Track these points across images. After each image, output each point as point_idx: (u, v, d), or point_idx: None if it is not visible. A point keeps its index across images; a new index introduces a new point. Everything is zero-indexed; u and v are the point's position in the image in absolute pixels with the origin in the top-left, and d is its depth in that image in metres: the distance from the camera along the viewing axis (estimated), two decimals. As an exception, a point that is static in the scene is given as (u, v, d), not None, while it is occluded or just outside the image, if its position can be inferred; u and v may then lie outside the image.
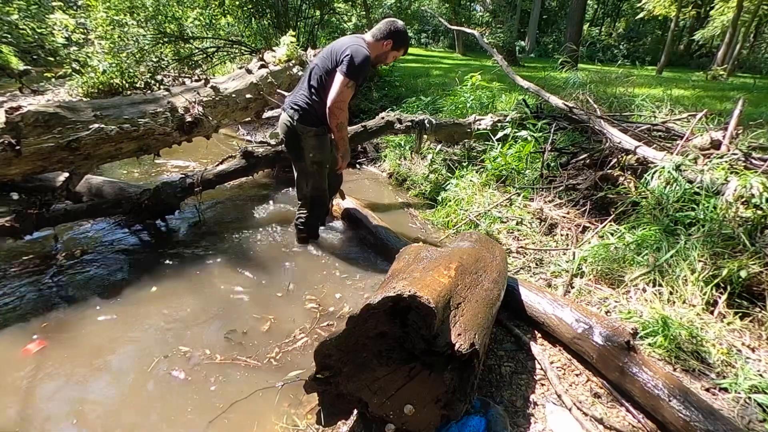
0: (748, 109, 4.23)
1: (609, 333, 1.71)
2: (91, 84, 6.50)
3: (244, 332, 2.09)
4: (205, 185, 3.19)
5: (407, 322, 1.21)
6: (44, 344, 1.95)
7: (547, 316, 1.94)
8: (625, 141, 3.21)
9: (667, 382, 1.52)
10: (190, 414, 1.64)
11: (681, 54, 22.84)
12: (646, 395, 1.54)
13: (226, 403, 1.68)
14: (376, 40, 2.47)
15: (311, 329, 2.14)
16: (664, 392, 1.49)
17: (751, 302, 2.05)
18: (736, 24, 13.59)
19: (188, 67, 7.87)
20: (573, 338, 1.81)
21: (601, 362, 1.71)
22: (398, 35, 2.48)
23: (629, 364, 1.60)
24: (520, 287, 2.10)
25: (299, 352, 1.98)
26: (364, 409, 1.35)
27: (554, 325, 1.91)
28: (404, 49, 2.59)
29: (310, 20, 8.38)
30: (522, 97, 5.00)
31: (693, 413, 1.41)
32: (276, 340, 2.05)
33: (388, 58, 2.57)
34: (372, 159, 4.94)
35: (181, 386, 1.76)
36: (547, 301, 1.99)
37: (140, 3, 6.85)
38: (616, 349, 1.66)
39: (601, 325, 1.75)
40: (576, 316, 1.84)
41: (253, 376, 1.83)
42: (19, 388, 1.72)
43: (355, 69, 2.33)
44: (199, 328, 2.12)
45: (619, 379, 1.64)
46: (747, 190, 2.33)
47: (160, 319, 2.17)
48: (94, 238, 2.97)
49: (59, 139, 2.42)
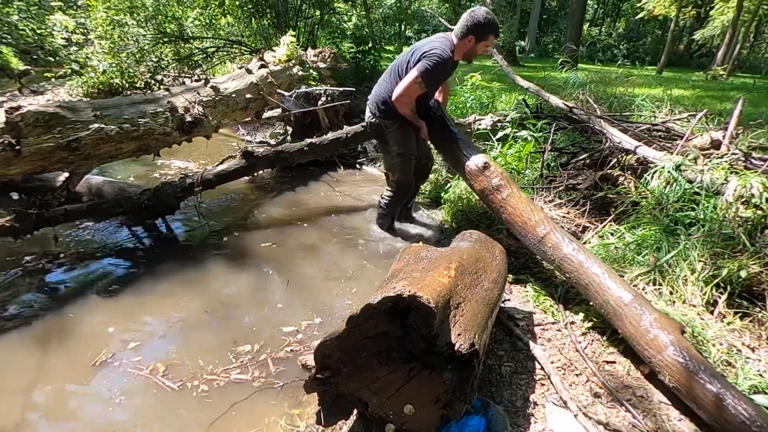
0: (748, 109, 4.23)
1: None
2: (91, 84, 6.50)
3: (243, 332, 2.09)
4: (205, 185, 3.19)
5: (407, 322, 1.20)
6: None
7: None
8: (625, 141, 3.21)
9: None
10: (190, 415, 1.64)
11: (681, 54, 22.85)
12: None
13: (226, 404, 1.68)
14: (459, 39, 2.46)
15: (308, 330, 2.14)
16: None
17: (751, 302, 2.05)
18: (736, 24, 13.58)
19: (188, 67, 7.87)
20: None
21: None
22: (477, 28, 2.41)
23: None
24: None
25: (298, 353, 1.98)
26: (364, 409, 1.34)
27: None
28: (492, 36, 2.46)
29: (310, 20, 8.38)
30: (522, 97, 4.99)
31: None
32: (276, 340, 2.04)
33: (478, 51, 2.53)
34: (372, 159, 4.93)
35: (180, 387, 1.76)
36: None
37: (140, 3, 6.84)
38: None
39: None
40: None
41: (253, 376, 1.83)
42: (17, 390, 1.72)
43: (426, 69, 2.39)
44: (198, 328, 2.12)
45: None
46: (747, 190, 2.32)
47: (159, 319, 2.17)
48: (93, 238, 2.97)
49: (59, 139, 2.42)
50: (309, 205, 3.70)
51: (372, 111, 2.73)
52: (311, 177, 4.33)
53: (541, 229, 2.15)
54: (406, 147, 2.76)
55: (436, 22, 24.71)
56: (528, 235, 2.22)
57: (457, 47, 2.48)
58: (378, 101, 2.69)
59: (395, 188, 2.95)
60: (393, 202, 3.01)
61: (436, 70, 2.41)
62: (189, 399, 1.70)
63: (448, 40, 2.47)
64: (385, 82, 2.68)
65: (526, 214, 2.24)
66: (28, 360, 1.87)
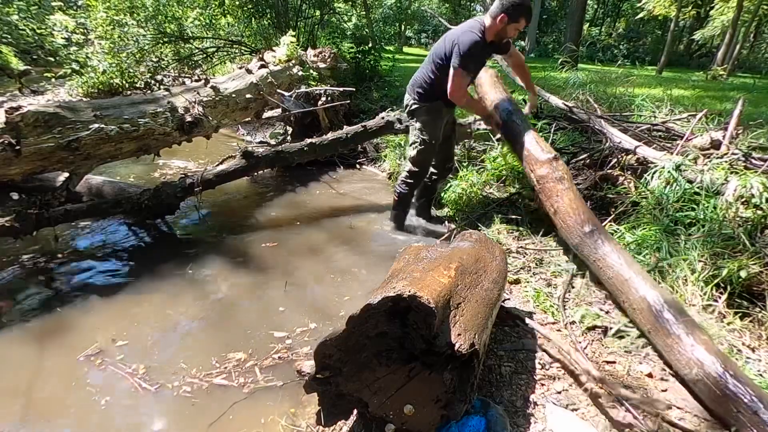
0: (748, 109, 4.22)
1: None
2: (91, 84, 6.50)
3: (244, 332, 2.09)
4: (205, 185, 3.19)
5: (407, 322, 1.20)
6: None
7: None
8: (625, 141, 3.21)
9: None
10: (190, 415, 1.63)
11: (681, 54, 22.83)
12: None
13: (226, 404, 1.68)
14: (492, 18, 2.50)
15: (308, 330, 2.14)
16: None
17: (751, 302, 2.05)
18: (736, 24, 13.58)
19: (188, 67, 7.88)
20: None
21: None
22: (512, 8, 2.44)
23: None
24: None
25: (298, 353, 1.98)
26: (364, 409, 1.34)
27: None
28: (524, 18, 2.50)
29: (310, 20, 8.38)
30: (522, 97, 4.99)
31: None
32: (276, 341, 2.04)
33: (509, 32, 2.56)
34: (372, 159, 4.93)
35: (180, 388, 1.75)
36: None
37: (140, 3, 6.85)
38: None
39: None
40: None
41: (253, 376, 1.83)
42: (17, 390, 1.72)
43: (461, 58, 2.50)
44: (198, 328, 2.12)
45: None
46: (747, 190, 2.33)
47: (160, 320, 2.17)
48: (93, 237, 2.97)
49: (59, 139, 2.42)
50: (309, 206, 3.69)
51: (411, 95, 2.85)
52: (311, 177, 4.33)
53: (588, 226, 2.28)
54: (431, 132, 2.84)
55: (436, 22, 24.74)
56: (574, 228, 2.33)
57: (488, 28, 2.53)
58: (416, 86, 2.82)
59: (409, 173, 3.02)
60: (406, 189, 3.06)
61: (471, 56, 2.51)
62: (189, 399, 1.70)
63: (478, 23, 2.56)
64: (423, 69, 2.80)
65: (581, 208, 2.39)
66: (19, 357, 1.88)
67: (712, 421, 1.53)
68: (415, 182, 3.04)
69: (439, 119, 2.84)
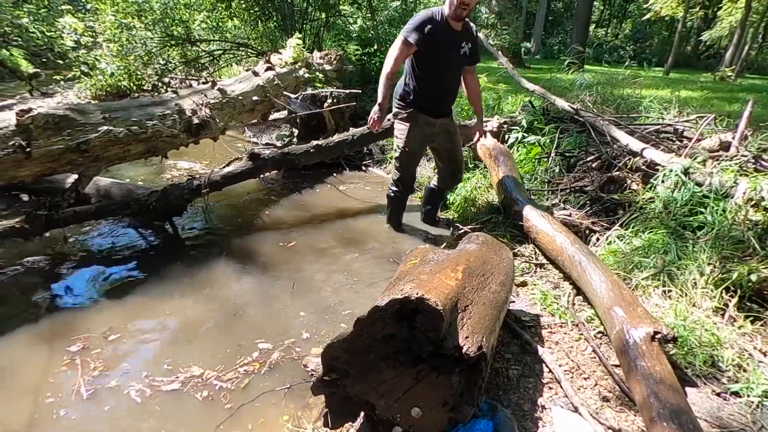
0: (757, 111, 4.18)
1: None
2: (99, 86, 6.55)
3: (250, 333, 2.09)
4: (212, 187, 3.21)
5: (415, 324, 1.20)
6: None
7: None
8: (633, 143, 3.19)
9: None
10: (197, 418, 1.64)
11: (688, 55, 22.67)
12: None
13: (233, 406, 1.68)
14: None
15: (316, 332, 2.14)
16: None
17: (761, 306, 2.03)
18: (745, 24, 13.47)
19: (195, 69, 7.92)
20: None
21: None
22: None
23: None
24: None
25: (304, 355, 1.98)
26: (371, 411, 1.34)
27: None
28: None
29: (316, 23, 8.40)
30: (528, 99, 4.98)
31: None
32: (282, 342, 2.05)
33: (454, 2, 2.43)
34: (378, 161, 4.94)
35: (186, 390, 1.76)
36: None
37: (148, 6, 6.91)
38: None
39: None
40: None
41: (260, 378, 1.83)
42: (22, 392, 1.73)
43: (406, 27, 2.53)
44: (205, 329, 2.12)
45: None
46: (757, 192, 2.30)
47: (166, 320, 2.18)
48: (101, 239, 2.99)
49: (69, 141, 2.44)
50: (315, 207, 3.70)
51: (393, 100, 2.84)
52: (317, 179, 4.34)
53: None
54: (403, 141, 2.80)
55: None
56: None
57: (445, 8, 2.53)
58: (396, 91, 2.80)
59: (393, 178, 3.04)
60: (392, 194, 3.08)
61: (414, 26, 2.49)
62: (195, 402, 1.70)
63: (439, 7, 2.58)
64: (403, 74, 2.78)
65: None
66: (26, 357, 1.89)
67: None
68: (400, 188, 3.03)
69: (415, 128, 2.75)
